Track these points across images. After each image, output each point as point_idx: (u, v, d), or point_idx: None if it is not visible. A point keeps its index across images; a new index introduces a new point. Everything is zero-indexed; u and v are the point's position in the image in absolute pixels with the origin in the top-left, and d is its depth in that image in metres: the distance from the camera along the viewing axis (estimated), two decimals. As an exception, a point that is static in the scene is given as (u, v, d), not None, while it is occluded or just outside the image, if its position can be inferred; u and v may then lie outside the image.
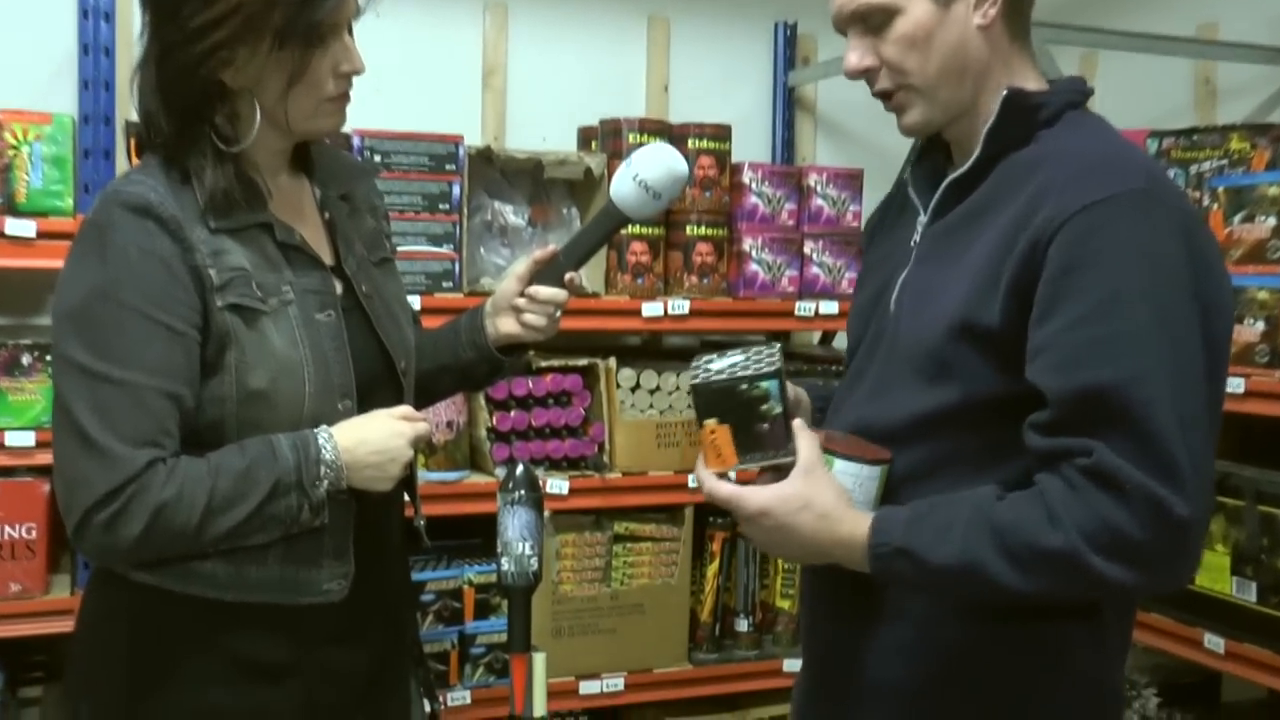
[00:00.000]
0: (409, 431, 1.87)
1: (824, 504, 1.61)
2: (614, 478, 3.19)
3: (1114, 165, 1.57)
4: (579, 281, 2.12)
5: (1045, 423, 1.53)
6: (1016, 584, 1.51)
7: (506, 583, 1.96)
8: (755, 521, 1.63)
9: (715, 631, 3.38)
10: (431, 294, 2.99)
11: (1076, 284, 1.52)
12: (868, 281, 1.88)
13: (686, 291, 3.29)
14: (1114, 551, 1.47)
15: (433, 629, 3.05)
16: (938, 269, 1.69)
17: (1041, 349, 1.53)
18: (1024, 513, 1.51)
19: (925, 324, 1.66)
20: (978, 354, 1.60)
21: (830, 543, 1.62)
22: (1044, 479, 1.53)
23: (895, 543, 1.57)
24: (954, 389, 1.62)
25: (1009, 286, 1.57)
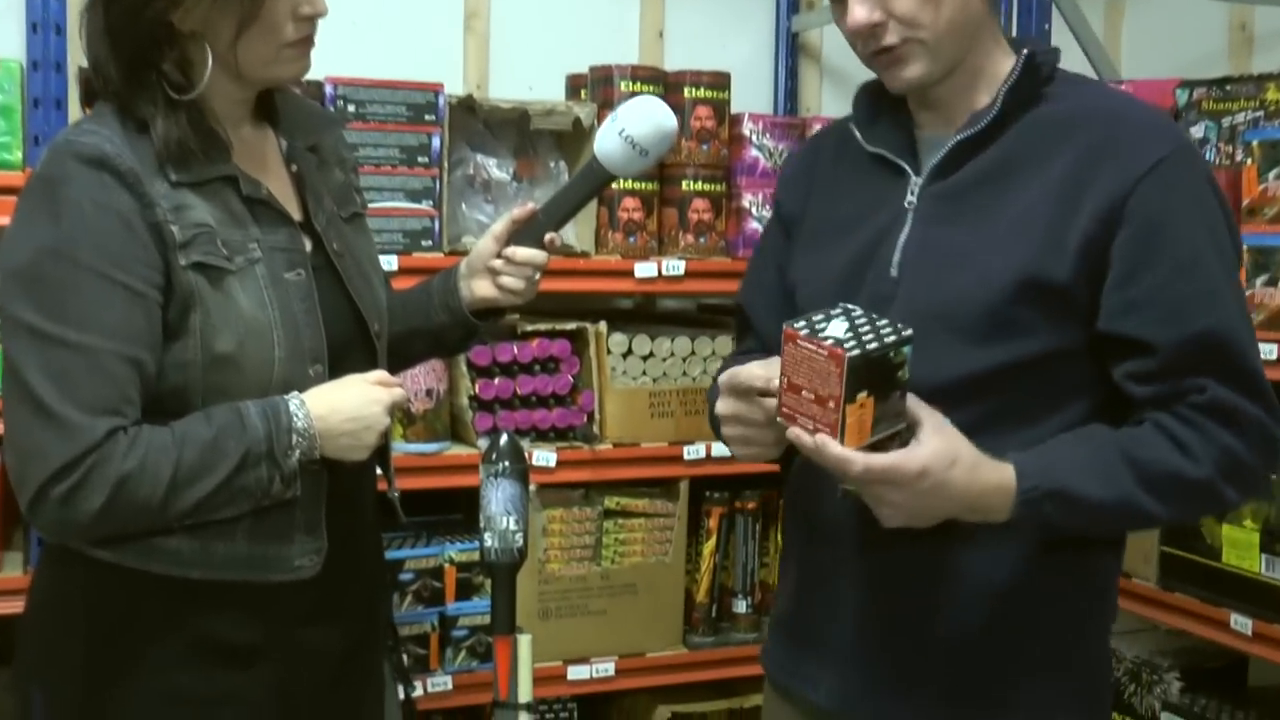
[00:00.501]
0: (385, 398, 1.87)
1: (969, 455, 1.69)
2: (604, 449, 3.20)
3: (1157, 122, 1.79)
4: (560, 243, 2.12)
5: (1153, 370, 1.73)
6: (1162, 514, 1.74)
7: (490, 560, 1.96)
8: (912, 485, 1.65)
9: (712, 613, 3.39)
10: (410, 253, 2.99)
11: (1164, 240, 1.71)
12: (829, 242, 1.93)
13: (682, 251, 3.28)
14: (1235, 477, 1.73)
15: (412, 610, 3.06)
16: (961, 229, 1.79)
17: (1140, 303, 1.72)
18: (1159, 449, 1.71)
19: (968, 284, 1.76)
20: (1041, 311, 1.74)
21: (979, 493, 1.70)
22: (1160, 418, 1.73)
23: (1046, 485, 1.70)
24: (1011, 347, 1.75)
25: (1082, 243, 1.72)
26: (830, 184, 1.99)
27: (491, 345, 3.08)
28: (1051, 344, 1.75)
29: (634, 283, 3.21)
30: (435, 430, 3.08)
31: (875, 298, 1.82)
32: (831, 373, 1.61)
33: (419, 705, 2.76)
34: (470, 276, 2.15)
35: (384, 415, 1.87)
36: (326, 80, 2.95)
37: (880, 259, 1.85)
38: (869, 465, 1.64)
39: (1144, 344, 1.72)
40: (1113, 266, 1.73)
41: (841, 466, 1.64)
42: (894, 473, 1.64)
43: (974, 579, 1.80)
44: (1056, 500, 1.70)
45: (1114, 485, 1.71)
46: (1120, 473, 1.71)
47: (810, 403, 1.64)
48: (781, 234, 2.06)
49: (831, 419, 1.62)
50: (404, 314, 2.16)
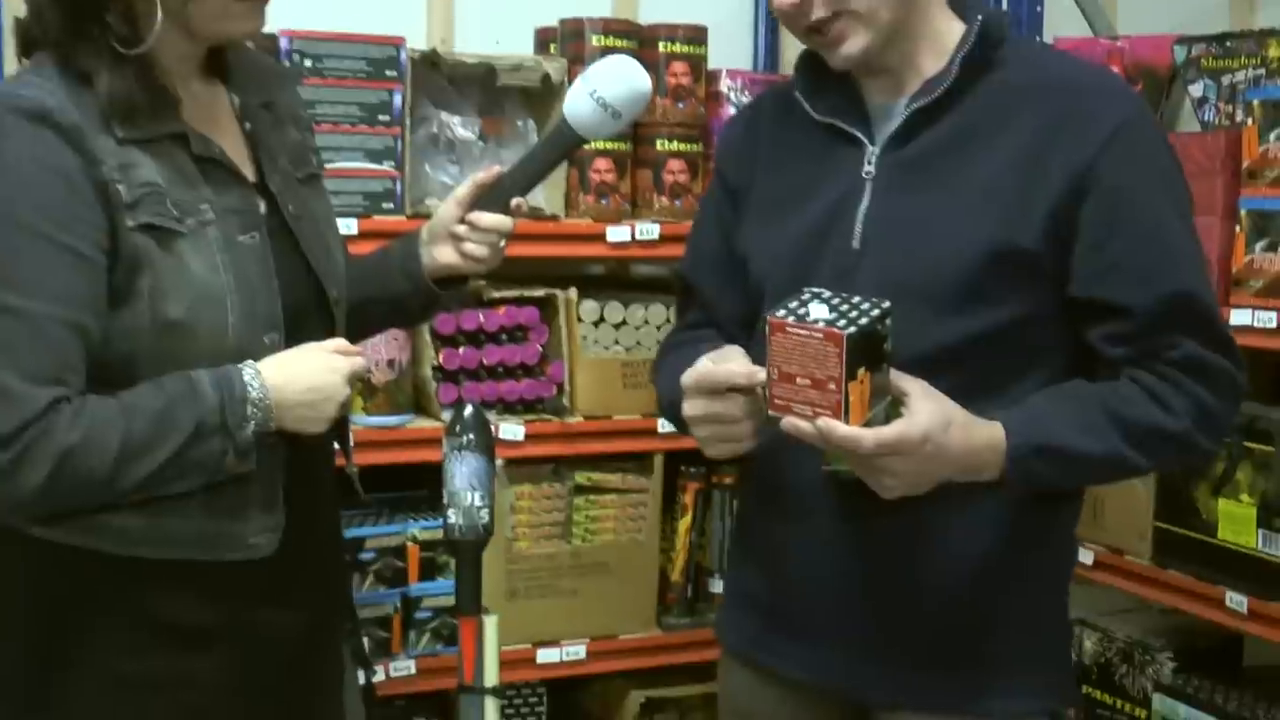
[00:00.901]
0: (344, 367, 1.87)
1: (961, 416, 1.77)
2: (575, 422, 3.20)
3: (1114, 88, 1.90)
4: (526, 208, 2.12)
5: (1129, 331, 1.83)
6: (1143, 466, 1.88)
7: (454, 537, 1.96)
8: (916, 451, 1.72)
9: (688, 593, 3.40)
10: (370, 216, 2.98)
11: (1130, 207, 1.81)
12: (782, 214, 1.97)
13: (656, 214, 3.28)
14: (1208, 427, 1.86)
15: (373, 591, 3.06)
16: (924, 199, 1.85)
17: (1112, 269, 1.81)
18: (1139, 404, 1.83)
19: (936, 255, 1.82)
20: (1011, 279, 1.82)
21: (973, 453, 1.78)
22: (1137, 374, 1.84)
23: (1037, 440, 1.80)
24: (982, 316, 1.82)
25: (1049, 211, 1.80)
26: (777, 153, 2.02)
27: (456, 313, 3.07)
28: (1021, 311, 1.83)
29: (606, 247, 3.20)
30: (397, 402, 3.07)
31: (838, 270, 1.87)
32: (830, 354, 1.66)
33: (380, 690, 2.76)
34: (432, 242, 2.15)
35: (344, 385, 1.87)
36: (281, 33, 2.93)
37: (840, 231, 1.89)
38: (880, 439, 1.70)
39: (1119, 307, 1.82)
40: (1081, 233, 1.82)
41: (851, 445, 1.70)
42: (903, 442, 1.70)
43: (951, 543, 1.87)
44: (1047, 455, 1.80)
45: (1101, 439, 1.82)
46: (1106, 427, 1.82)
47: (807, 389, 1.69)
48: (727, 203, 2.09)
49: (833, 401, 1.67)
50: (363, 281, 2.15)
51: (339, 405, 1.87)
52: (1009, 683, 1.92)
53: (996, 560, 1.89)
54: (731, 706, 2.15)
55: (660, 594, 3.37)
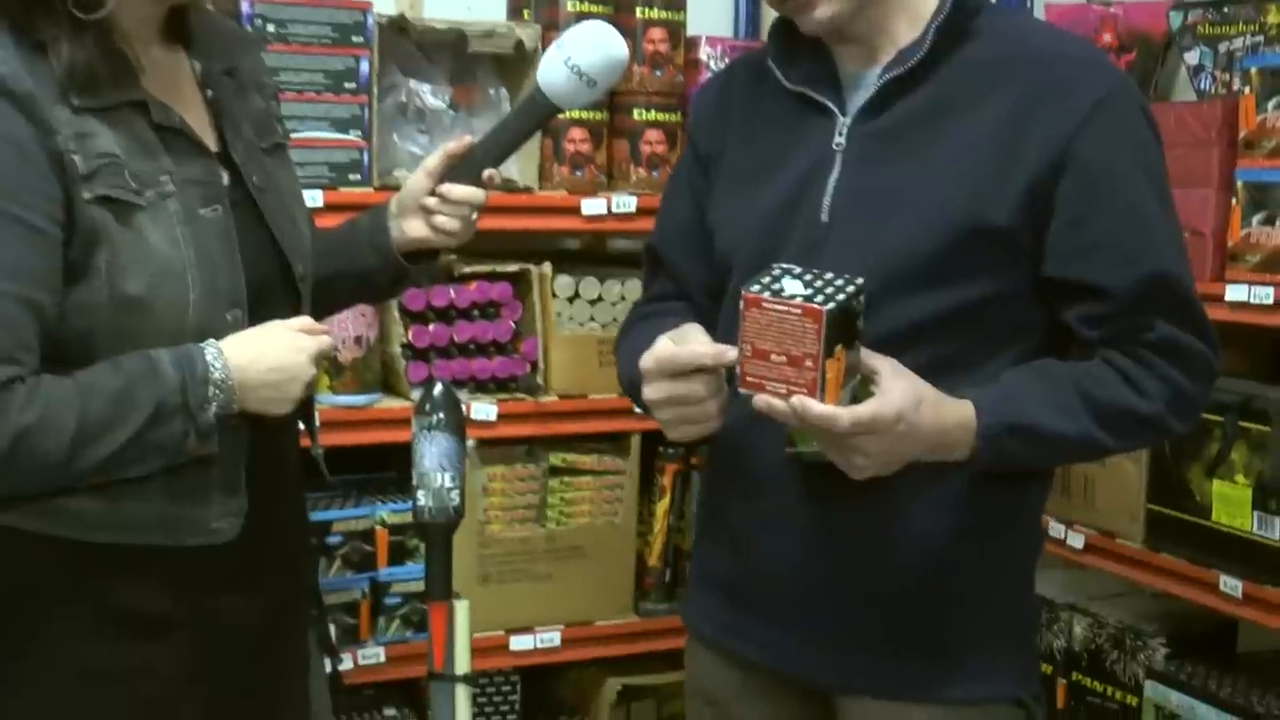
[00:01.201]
0: (311, 346, 1.87)
1: (931, 394, 1.79)
2: (549, 401, 3.20)
3: (1093, 60, 1.90)
4: (499, 179, 2.11)
5: (1105, 313, 1.85)
6: (1114, 447, 1.91)
7: (423, 519, 1.97)
8: (889, 430, 1.73)
9: (666, 578, 3.41)
10: (336, 188, 2.97)
11: (1108, 186, 1.82)
12: (752, 185, 1.98)
13: (634, 186, 3.28)
14: (1181, 409, 1.88)
15: (340, 576, 3.06)
16: (895, 171, 1.86)
17: (1089, 249, 1.82)
18: (1112, 386, 1.85)
19: (906, 229, 1.83)
20: (983, 255, 1.83)
21: (943, 431, 1.80)
22: (1111, 355, 1.87)
23: (1009, 420, 1.82)
24: (953, 293, 1.83)
25: (1024, 188, 1.81)
26: (748, 122, 2.03)
27: (426, 289, 3.07)
28: (994, 288, 1.84)
29: (581, 220, 3.20)
30: (365, 381, 3.07)
31: (806, 243, 1.88)
32: (808, 331, 1.67)
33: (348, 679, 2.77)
34: (401, 215, 2.14)
35: (310, 365, 1.87)
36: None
37: (809, 203, 1.90)
38: (856, 417, 1.71)
39: (1096, 288, 1.84)
40: (1057, 211, 1.83)
41: (827, 424, 1.71)
42: (877, 422, 1.72)
43: (916, 525, 1.89)
44: (1018, 434, 1.83)
45: (1073, 420, 1.84)
46: (1077, 408, 1.84)
47: (782, 366, 1.69)
48: (698, 172, 2.10)
49: (809, 378, 1.68)
50: (329, 255, 2.15)
51: (305, 386, 1.87)
52: (972, 668, 1.94)
53: (961, 542, 1.90)
54: (696, 689, 2.18)
55: (637, 579, 3.38)
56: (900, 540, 1.90)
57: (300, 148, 2.87)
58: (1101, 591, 3.28)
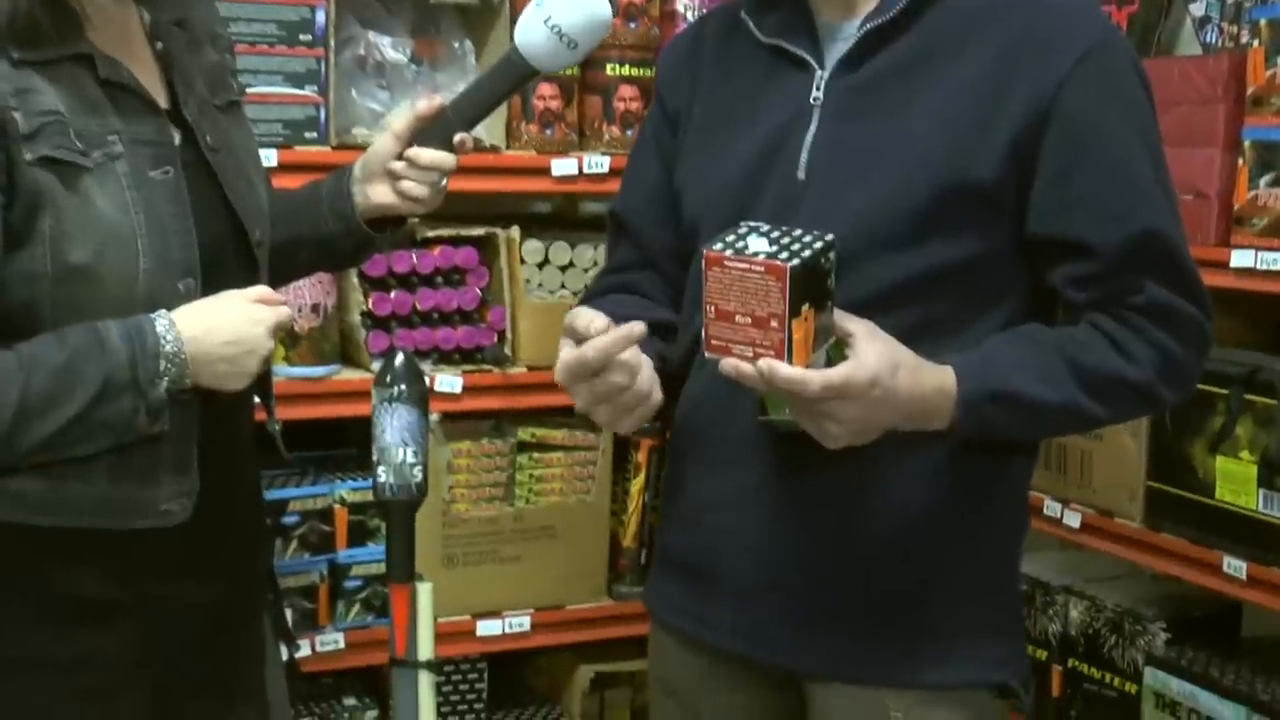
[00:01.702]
0: (268, 317, 1.87)
1: (909, 359, 1.79)
2: (517, 373, 3.21)
3: (1079, 9, 1.89)
4: (470, 144, 2.11)
5: (1092, 273, 1.85)
6: (1101, 416, 1.90)
7: (384, 497, 1.98)
8: (864, 396, 1.73)
9: (641, 559, 3.41)
10: (290, 147, 2.97)
11: (1095, 139, 1.83)
12: (723, 143, 1.98)
13: (607, 146, 3.29)
14: (1172, 377, 1.88)
15: (297, 558, 3.07)
16: (875, 126, 1.87)
17: (1075, 204, 1.83)
18: (1099, 351, 1.85)
19: (886, 186, 1.84)
20: (965, 213, 1.84)
21: (921, 397, 1.80)
22: (1098, 319, 1.87)
23: (990, 386, 1.82)
24: (934, 252, 1.85)
25: (1008, 142, 1.82)
26: (720, 76, 2.03)
27: (386, 254, 3.07)
28: (976, 248, 1.85)
29: (551, 182, 3.21)
30: (322, 352, 3.08)
31: (780, 203, 1.89)
32: (772, 289, 1.66)
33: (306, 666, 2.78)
34: (366, 180, 2.14)
35: (267, 338, 1.86)
36: (192, -56, 2.91)
37: (784, 160, 1.91)
38: (827, 381, 1.70)
39: (1082, 246, 1.85)
40: (1042, 166, 1.84)
41: (796, 388, 1.70)
42: (850, 384, 1.71)
43: (892, 498, 1.90)
44: (1000, 402, 1.83)
45: (1057, 387, 1.84)
46: (1062, 374, 1.84)
47: (748, 328, 1.69)
48: (666, 130, 2.10)
49: (775, 340, 1.68)
50: (288, 220, 2.14)
51: (261, 360, 1.87)
52: (949, 652, 1.93)
53: (940, 516, 1.91)
54: (657, 677, 2.16)
55: (611, 560, 3.40)
56: (876, 513, 1.90)
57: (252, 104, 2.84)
58: (1099, 573, 3.30)
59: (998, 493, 1.97)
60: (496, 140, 3.18)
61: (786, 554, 1.94)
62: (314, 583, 3.10)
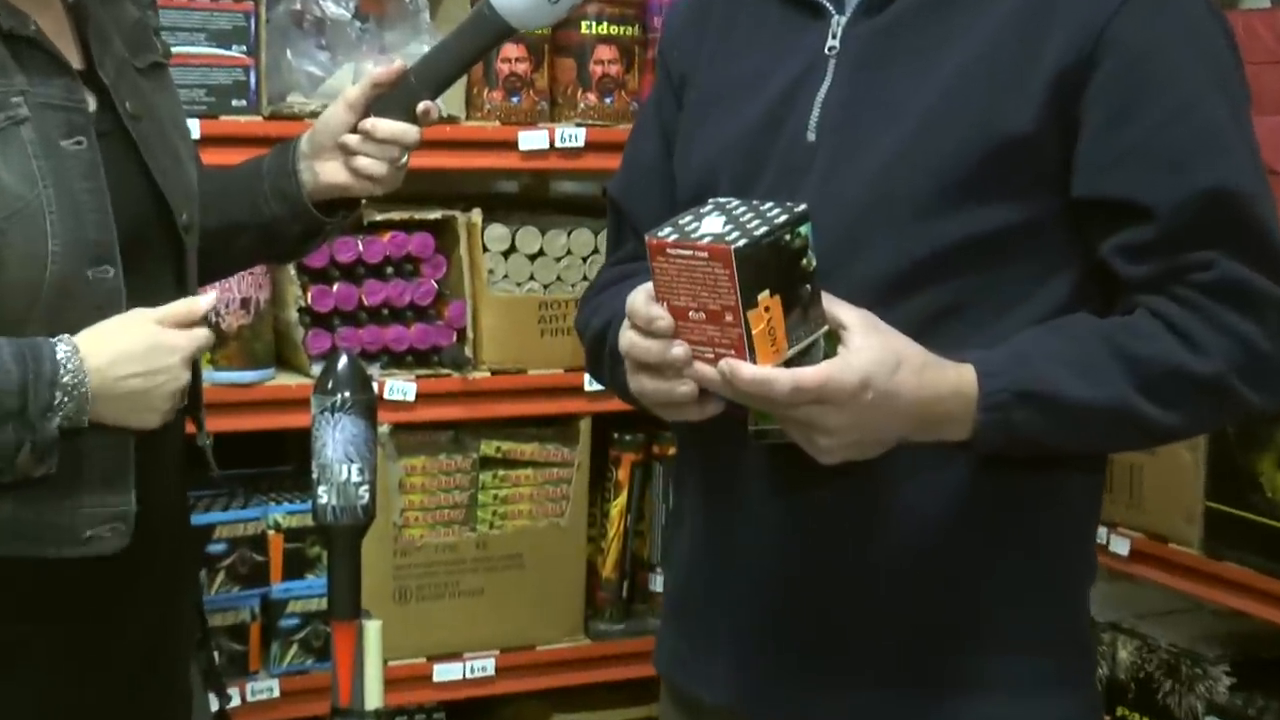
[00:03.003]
0: (184, 344, 1.87)
1: (915, 355, 1.71)
2: (480, 378, 3.23)
3: None
4: (436, 114, 2.11)
5: (1149, 241, 1.76)
6: (1163, 421, 1.78)
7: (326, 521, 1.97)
8: (854, 401, 1.67)
9: (622, 592, 3.44)
10: (215, 116, 2.98)
11: (1154, 76, 1.75)
12: (728, 108, 1.95)
13: (582, 116, 3.30)
14: (1253, 373, 1.77)
15: (225, 592, 3.08)
16: (896, 76, 1.82)
17: (1128, 156, 1.75)
18: (1157, 341, 1.75)
19: (907, 145, 1.79)
20: (1001, 174, 1.77)
21: (932, 402, 1.72)
22: (1157, 302, 1.77)
23: (1019, 385, 1.73)
24: (965, 222, 1.78)
25: (1049, 86, 1.75)
26: (727, 34, 2.01)
27: (330, 242, 3.07)
28: (1015, 216, 1.79)
29: (518, 157, 3.22)
30: (254, 354, 3.08)
31: (786, 169, 1.86)
32: (720, 277, 1.62)
33: (236, 718, 2.78)
34: (315, 155, 2.14)
35: (183, 369, 1.87)
36: (103, -117, 2.91)
37: (794, 120, 1.87)
38: (798, 382, 1.64)
39: (1136, 207, 1.76)
40: (1090, 113, 1.76)
41: (762, 390, 1.64)
42: (831, 387, 1.65)
43: (913, 524, 1.83)
44: (1032, 404, 1.74)
45: (1102, 384, 1.75)
46: (1109, 369, 1.75)
47: (702, 324, 1.65)
48: (671, 100, 2.07)
49: (734, 336, 1.64)
50: (223, 202, 2.15)
51: (175, 395, 1.87)
52: (998, 710, 1.86)
53: (975, 547, 1.84)
54: None
55: (588, 594, 3.41)
56: (896, 543, 1.84)
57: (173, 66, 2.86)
58: (1151, 608, 3.31)
59: (1048, 518, 1.88)
60: (454, 109, 3.18)
61: (786, 592, 1.89)
62: (244, 621, 3.10)
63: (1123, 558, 3.12)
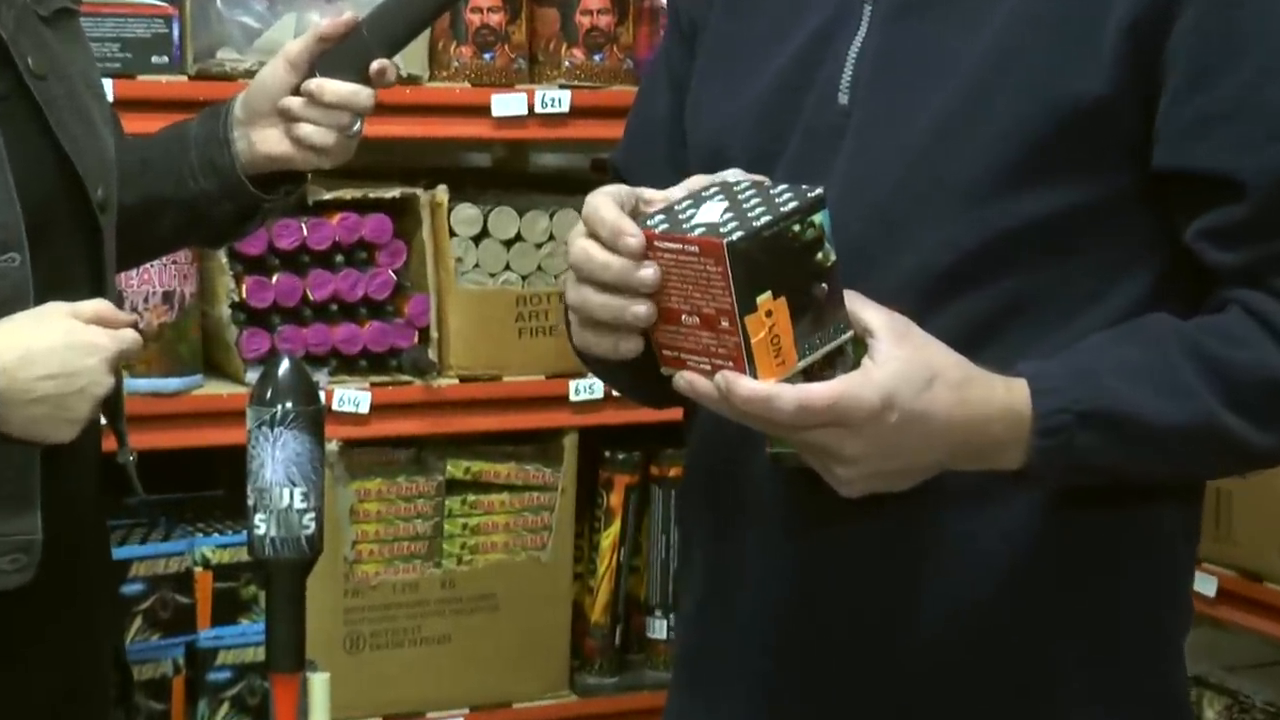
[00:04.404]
0: (107, 344, 1.87)
1: (954, 369, 1.67)
2: (446, 385, 3.23)
3: None
4: (392, 74, 2.11)
5: (1242, 222, 1.71)
6: (1258, 441, 1.72)
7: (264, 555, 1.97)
8: (874, 424, 1.62)
9: (615, 640, 3.44)
10: (131, 75, 2.99)
11: (1245, 24, 1.71)
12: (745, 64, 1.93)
13: (567, 76, 3.30)
14: None
15: (143, 641, 3.08)
16: (944, 30, 1.79)
17: (1217, 119, 1.70)
18: (1253, 346, 1.70)
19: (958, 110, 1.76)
20: (1069, 144, 1.73)
21: (975, 426, 1.67)
22: (1252, 298, 1.72)
23: (1082, 405, 1.68)
24: (1026, 204, 1.74)
25: (1123, 36, 1.70)
26: None
27: (268, 225, 3.07)
28: (1086, 196, 1.75)
29: (491, 125, 3.23)
30: (178, 357, 3.08)
31: (814, 138, 1.83)
32: (712, 275, 1.59)
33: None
34: (251, 122, 2.14)
35: (105, 372, 1.86)
36: None
37: (823, 79, 1.84)
38: (805, 401, 1.60)
39: (1225, 181, 1.71)
40: (1172, 69, 1.71)
41: (762, 410, 1.60)
42: (843, 406, 1.61)
43: (971, 563, 1.80)
44: (1098, 426, 1.69)
45: (1184, 400, 1.70)
46: (1193, 381, 1.71)
47: (697, 330, 1.63)
48: (684, 54, 2.06)
49: (730, 345, 1.61)
50: (143, 175, 2.15)
51: (94, 403, 1.86)
52: None
53: (1038, 592, 1.80)
54: None
55: (574, 642, 3.41)
56: (943, 595, 1.80)
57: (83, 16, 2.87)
58: (1242, 658, 3.32)
59: (1137, 558, 1.84)
60: (415, 68, 3.19)
61: (816, 646, 1.86)
62: (166, 674, 3.11)
63: (1209, 599, 3.12)
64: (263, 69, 2.14)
